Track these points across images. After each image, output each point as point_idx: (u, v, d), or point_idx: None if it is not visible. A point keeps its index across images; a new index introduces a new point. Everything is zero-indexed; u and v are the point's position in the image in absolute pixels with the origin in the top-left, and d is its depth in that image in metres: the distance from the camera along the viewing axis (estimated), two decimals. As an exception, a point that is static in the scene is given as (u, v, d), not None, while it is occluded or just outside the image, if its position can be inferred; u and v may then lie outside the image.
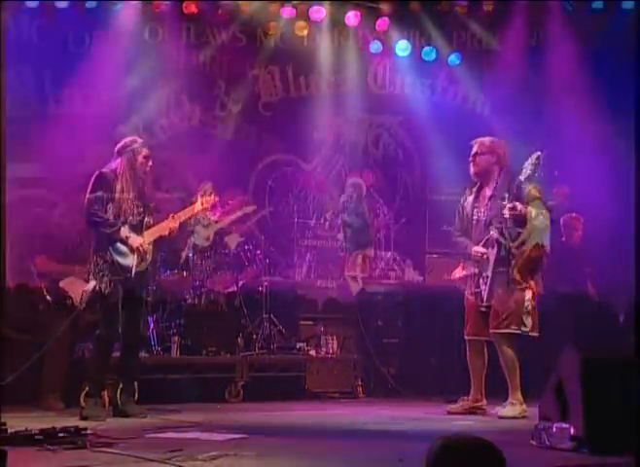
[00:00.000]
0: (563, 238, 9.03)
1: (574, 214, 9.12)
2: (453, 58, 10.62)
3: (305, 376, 8.02)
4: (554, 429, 4.59)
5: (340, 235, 9.57)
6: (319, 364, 8.11)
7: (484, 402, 6.53)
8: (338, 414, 6.77)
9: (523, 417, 6.08)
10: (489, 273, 6.32)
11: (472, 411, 6.48)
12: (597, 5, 10.22)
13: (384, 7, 10.29)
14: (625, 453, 3.94)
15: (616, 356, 4.67)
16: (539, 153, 6.18)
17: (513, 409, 6.20)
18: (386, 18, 10.31)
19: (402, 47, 10.54)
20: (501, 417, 6.16)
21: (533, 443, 4.72)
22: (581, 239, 9.07)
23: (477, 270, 6.44)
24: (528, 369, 6.54)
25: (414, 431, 5.57)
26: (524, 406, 6.21)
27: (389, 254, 9.97)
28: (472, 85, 10.73)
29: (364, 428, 5.81)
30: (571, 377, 4.59)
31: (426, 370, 8.38)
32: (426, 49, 10.57)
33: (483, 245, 6.39)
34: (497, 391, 6.53)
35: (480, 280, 6.40)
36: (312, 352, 8.14)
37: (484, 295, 6.36)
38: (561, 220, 9.01)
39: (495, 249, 6.29)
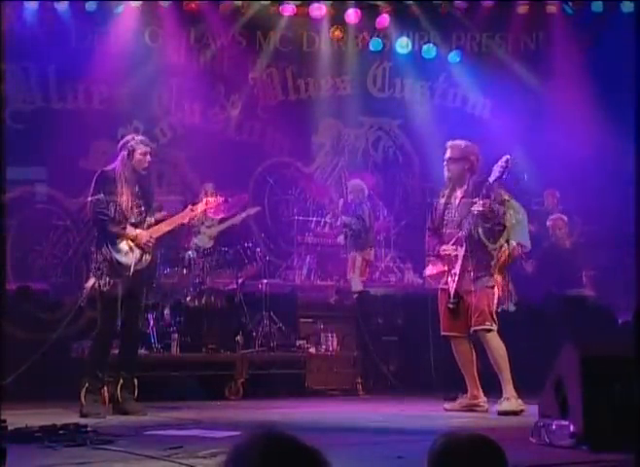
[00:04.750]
0: (553, 239, 9.08)
1: (557, 214, 9.19)
2: (453, 56, 10.64)
3: (305, 373, 8.04)
4: (554, 426, 4.60)
5: (341, 238, 9.57)
6: (319, 361, 8.13)
7: (483, 399, 6.53)
8: (338, 412, 6.79)
9: (522, 411, 6.10)
10: (457, 271, 6.41)
11: (470, 408, 6.49)
12: (597, 7, 10.25)
13: (384, 4, 10.32)
14: (625, 451, 3.92)
15: (615, 354, 4.67)
16: (508, 156, 6.26)
17: (509, 403, 6.21)
18: (386, 16, 10.33)
19: (402, 44, 10.56)
20: (500, 414, 6.17)
21: (533, 440, 4.72)
22: (569, 239, 9.11)
23: (445, 268, 6.53)
24: (528, 367, 6.55)
25: (414, 428, 5.56)
26: (520, 400, 6.23)
27: (389, 256, 9.98)
28: (471, 87, 10.76)
29: (363, 425, 5.81)
30: (571, 375, 4.60)
31: (425, 367, 8.39)
32: (426, 47, 10.60)
33: (453, 244, 6.49)
34: (496, 389, 6.54)
35: (449, 278, 6.49)
36: (312, 350, 8.15)
37: (452, 291, 6.45)
38: (547, 222, 9.09)
39: (463, 247, 6.38)
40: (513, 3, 10.42)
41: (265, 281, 8.40)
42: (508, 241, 6.50)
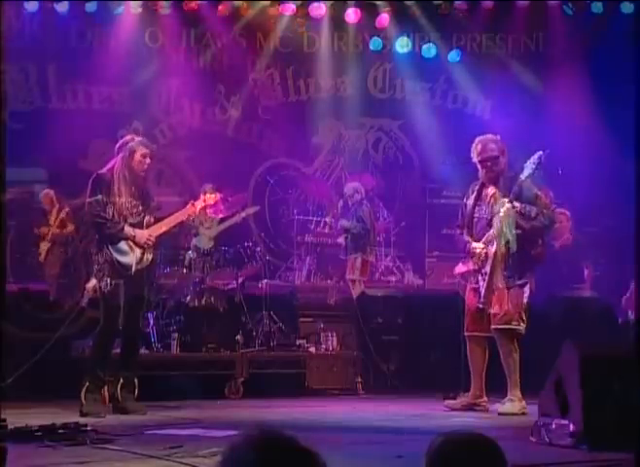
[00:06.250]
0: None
1: (558, 209, 9.14)
2: (453, 55, 10.64)
3: (305, 372, 8.06)
4: (554, 426, 4.60)
5: (341, 239, 9.58)
6: (319, 361, 8.16)
7: (484, 399, 6.54)
8: (338, 411, 6.79)
9: (523, 414, 6.10)
10: (487, 270, 6.35)
11: (471, 407, 6.50)
12: (597, 8, 10.25)
13: (384, 4, 10.32)
14: (625, 450, 3.92)
15: (615, 354, 4.68)
16: (541, 152, 6.21)
17: (512, 405, 6.21)
18: (386, 15, 10.34)
19: (402, 43, 10.56)
20: (500, 414, 6.17)
21: (532, 439, 4.73)
22: (571, 236, 9.07)
23: (476, 267, 6.47)
24: (528, 366, 6.55)
25: (413, 427, 5.57)
26: (524, 402, 6.22)
27: (389, 257, 9.99)
28: (472, 88, 10.76)
29: (363, 424, 5.81)
30: (570, 375, 4.60)
31: (425, 367, 8.42)
32: (425, 46, 10.60)
33: (484, 242, 6.42)
34: (496, 388, 6.55)
35: (479, 277, 6.43)
36: (312, 349, 8.18)
37: (482, 291, 6.39)
38: None
39: (494, 246, 6.32)
40: (513, 3, 10.42)
41: (265, 281, 8.42)
42: (542, 238, 6.46)
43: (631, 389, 4.27)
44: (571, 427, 4.47)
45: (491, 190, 6.48)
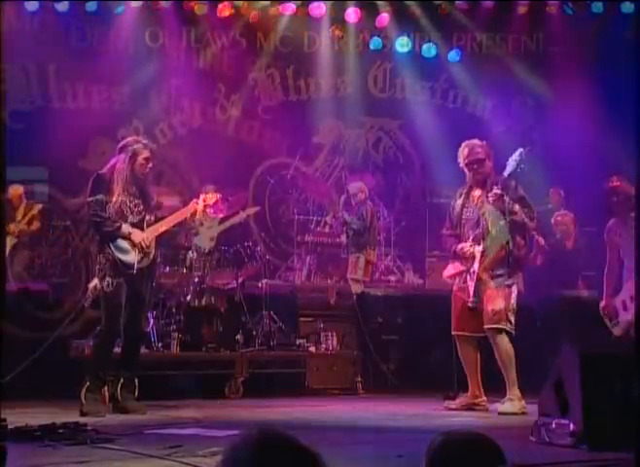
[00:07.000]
0: (558, 236, 9.03)
1: (563, 211, 9.14)
2: (453, 54, 10.64)
3: (305, 372, 8.08)
4: (554, 425, 4.61)
5: (343, 238, 9.58)
6: (319, 360, 8.17)
7: (483, 398, 6.56)
8: (338, 411, 6.80)
9: (523, 413, 6.11)
10: (476, 269, 6.39)
11: (470, 407, 6.51)
12: (597, 8, 10.25)
13: (384, 4, 10.32)
14: (624, 450, 3.92)
15: (615, 353, 4.68)
16: (522, 149, 6.25)
17: (512, 405, 6.22)
18: (386, 15, 10.34)
19: (402, 43, 10.56)
20: (500, 414, 6.18)
21: (532, 439, 4.74)
22: (574, 238, 9.07)
23: (465, 267, 6.51)
24: (527, 366, 6.56)
25: (413, 427, 5.58)
26: (523, 402, 6.24)
27: (389, 257, 9.98)
28: (472, 87, 10.75)
29: (363, 424, 5.82)
30: (571, 374, 4.60)
31: (425, 366, 8.43)
32: (426, 46, 10.60)
33: (472, 242, 6.46)
34: (495, 387, 6.55)
35: (468, 276, 6.47)
36: (312, 349, 8.20)
37: (471, 290, 6.43)
38: (552, 219, 9.04)
39: (482, 245, 6.36)
40: (513, 3, 10.42)
41: (265, 281, 8.43)
42: (525, 238, 6.50)
43: (631, 389, 4.27)
44: (571, 427, 4.48)
45: (478, 192, 6.54)
